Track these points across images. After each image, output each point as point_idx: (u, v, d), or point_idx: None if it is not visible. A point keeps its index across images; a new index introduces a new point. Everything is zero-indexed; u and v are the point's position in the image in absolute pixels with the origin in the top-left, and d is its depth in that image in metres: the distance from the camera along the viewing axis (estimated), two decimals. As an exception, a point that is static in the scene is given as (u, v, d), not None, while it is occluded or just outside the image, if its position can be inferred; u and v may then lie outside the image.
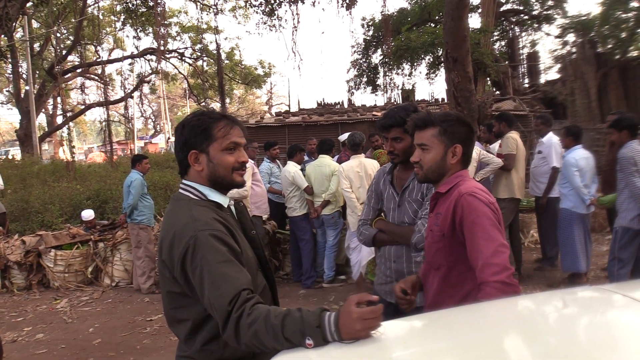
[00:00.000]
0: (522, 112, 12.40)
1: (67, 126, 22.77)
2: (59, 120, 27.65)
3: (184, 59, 25.31)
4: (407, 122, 2.56)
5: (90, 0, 20.74)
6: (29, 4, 16.13)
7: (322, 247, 6.74)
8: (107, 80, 26.55)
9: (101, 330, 5.63)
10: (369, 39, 20.86)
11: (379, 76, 20.82)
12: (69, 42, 23.13)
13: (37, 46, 23.14)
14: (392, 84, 20.17)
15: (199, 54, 24.77)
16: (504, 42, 20.50)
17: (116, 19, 24.05)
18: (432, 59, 17.50)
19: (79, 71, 24.49)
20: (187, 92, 33.18)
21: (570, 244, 5.90)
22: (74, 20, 20.34)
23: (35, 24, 23.02)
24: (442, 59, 9.13)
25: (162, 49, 19.65)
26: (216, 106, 25.95)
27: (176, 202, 1.88)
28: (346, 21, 31.81)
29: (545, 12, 19.60)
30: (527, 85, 18.29)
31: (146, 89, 31.31)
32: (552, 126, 6.66)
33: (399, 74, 19.68)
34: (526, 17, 20.17)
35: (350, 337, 1.39)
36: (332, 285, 6.68)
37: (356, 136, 5.96)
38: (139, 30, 22.10)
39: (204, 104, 27.43)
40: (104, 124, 21.82)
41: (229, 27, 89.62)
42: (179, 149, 1.89)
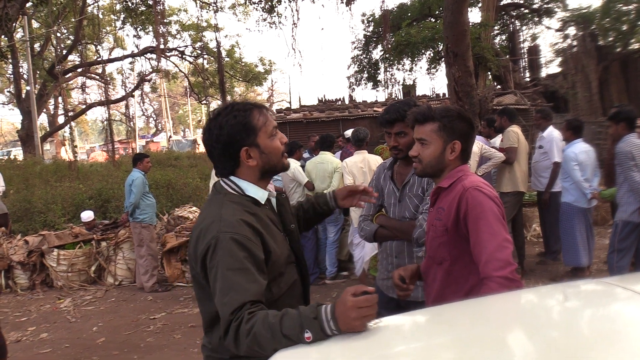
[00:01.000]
0: (524, 106, 12.36)
1: (68, 126, 22.79)
2: (61, 120, 27.71)
3: (184, 57, 25.28)
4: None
5: (89, -1, 20.75)
6: (29, 4, 16.14)
7: (324, 244, 6.75)
8: (108, 79, 26.56)
9: (105, 329, 5.65)
10: (369, 34, 20.81)
11: (379, 72, 20.76)
12: (69, 41, 23.15)
13: (37, 46, 23.18)
14: (393, 80, 20.09)
15: (200, 52, 24.74)
16: (504, 36, 20.46)
17: (116, 18, 24.06)
18: (432, 54, 17.44)
19: (79, 71, 24.49)
20: (188, 90, 33.13)
21: (571, 238, 5.89)
22: (73, 19, 20.34)
23: (35, 24, 23.04)
24: (443, 54, 9.11)
25: (162, 47, 19.62)
26: (217, 104, 25.93)
27: (214, 195, 1.87)
28: (346, 17, 31.73)
29: (545, 6, 19.53)
30: (528, 79, 18.25)
31: (147, 87, 31.30)
32: (552, 120, 6.64)
33: (399, 70, 19.60)
34: (527, 10, 20.11)
35: (346, 327, 1.40)
36: (334, 281, 6.69)
37: (360, 132, 5.95)
38: (139, 29, 22.09)
39: (205, 102, 27.45)
40: (105, 123, 21.82)
41: (229, 24, 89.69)
42: (221, 152, 1.80)
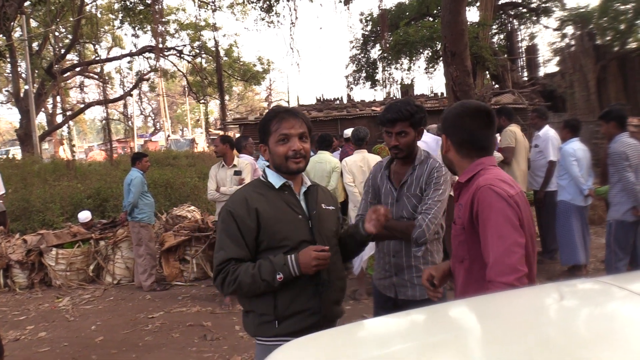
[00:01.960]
0: (521, 105, 12.37)
1: (67, 125, 22.77)
2: (59, 119, 27.64)
3: (182, 56, 25.25)
4: (412, 115, 2.66)
5: (88, -2, 20.73)
6: (27, 3, 16.11)
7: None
8: (106, 78, 26.57)
9: (103, 328, 5.65)
10: (367, 34, 20.83)
11: (377, 71, 20.78)
12: (67, 40, 23.10)
13: (35, 45, 23.13)
14: (391, 79, 20.13)
15: (198, 51, 24.74)
16: (502, 36, 20.48)
17: (114, 17, 24.00)
18: (430, 53, 17.46)
19: (77, 70, 24.49)
20: (187, 89, 33.15)
21: (568, 237, 5.92)
22: (72, 18, 20.32)
23: (33, 23, 22.99)
24: (441, 53, 9.12)
25: (160, 46, 19.62)
26: (216, 103, 25.91)
27: None
28: (344, 16, 31.64)
29: (543, 5, 19.57)
30: (526, 78, 18.28)
31: (145, 87, 31.34)
32: (548, 119, 6.67)
33: (397, 69, 19.63)
34: (524, 10, 20.14)
35: (305, 271, 2.08)
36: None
37: (360, 131, 5.96)
38: (137, 28, 22.09)
39: (203, 101, 27.44)
40: (104, 122, 21.83)
41: (227, 24, 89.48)
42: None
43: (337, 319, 2.32)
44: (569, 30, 18.46)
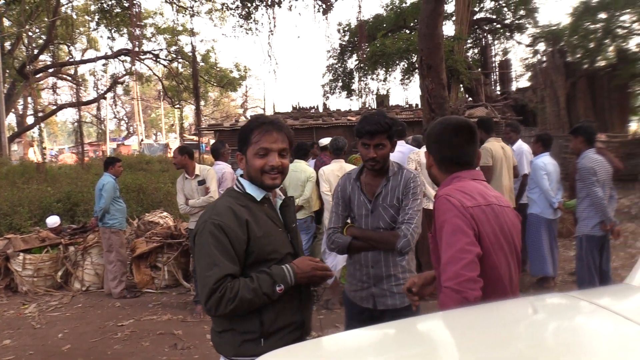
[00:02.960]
0: (494, 119, 12.60)
1: (37, 127, 22.33)
2: (30, 120, 27.12)
3: (158, 60, 25.09)
4: (390, 128, 2.70)
5: (63, -1, 20.42)
6: (1, 2, 15.81)
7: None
8: (80, 80, 26.15)
9: (71, 335, 5.53)
10: (344, 44, 21.02)
11: (354, 81, 20.98)
12: (41, 41, 22.74)
13: (8, 45, 22.67)
14: (367, 89, 20.35)
15: (174, 56, 24.61)
16: (477, 50, 20.90)
17: (90, 19, 23.67)
18: (406, 65, 17.68)
19: (50, 71, 24.09)
20: (162, 94, 32.84)
21: (538, 249, 6.04)
22: (46, 19, 19.99)
23: (6, 22, 22.53)
24: (417, 66, 9.24)
25: (136, 50, 19.42)
26: (191, 108, 25.73)
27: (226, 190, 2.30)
28: (322, 26, 31.90)
29: (517, 22, 20.07)
30: (498, 92, 18.64)
31: (120, 90, 30.99)
32: (520, 133, 6.79)
33: (374, 79, 19.88)
34: (499, 25, 20.61)
35: (301, 281, 2.07)
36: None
37: (339, 141, 6.01)
38: (113, 30, 21.85)
39: (178, 106, 27.23)
40: (76, 124, 21.47)
41: (205, 29, 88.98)
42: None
43: (310, 331, 2.32)
44: (541, 46, 18.97)
